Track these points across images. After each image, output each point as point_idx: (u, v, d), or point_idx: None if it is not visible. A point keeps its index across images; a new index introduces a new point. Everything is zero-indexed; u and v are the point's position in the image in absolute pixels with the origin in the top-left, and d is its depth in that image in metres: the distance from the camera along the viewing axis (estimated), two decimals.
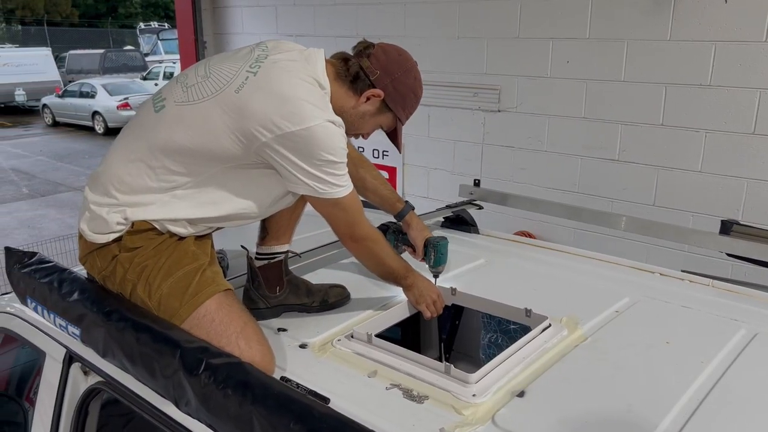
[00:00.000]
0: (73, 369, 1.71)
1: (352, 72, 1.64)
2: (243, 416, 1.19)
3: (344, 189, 1.57)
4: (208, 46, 6.37)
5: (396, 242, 1.99)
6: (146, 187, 1.56)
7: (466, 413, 1.30)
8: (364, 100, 1.66)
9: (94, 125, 16.37)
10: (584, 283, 2.02)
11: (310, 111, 1.48)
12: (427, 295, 1.81)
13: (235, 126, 1.49)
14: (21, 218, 8.65)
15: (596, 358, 1.53)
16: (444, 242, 1.91)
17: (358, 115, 1.68)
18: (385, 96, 1.66)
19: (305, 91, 1.51)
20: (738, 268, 3.02)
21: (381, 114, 1.70)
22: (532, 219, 4.18)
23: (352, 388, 1.40)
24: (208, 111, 1.51)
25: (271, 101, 1.48)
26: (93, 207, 1.59)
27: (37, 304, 1.71)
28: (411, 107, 1.74)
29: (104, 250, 1.59)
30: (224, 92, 1.51)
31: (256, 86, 1.50)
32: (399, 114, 1.71)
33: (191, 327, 1.49)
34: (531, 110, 4.25)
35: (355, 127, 1.71)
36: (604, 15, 3.81)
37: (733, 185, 3.52)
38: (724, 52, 3.43)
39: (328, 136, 1.49)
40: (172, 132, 1.53)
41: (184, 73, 1.65)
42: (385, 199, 2.03)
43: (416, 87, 1.72)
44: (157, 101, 1.61)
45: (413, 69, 1.71)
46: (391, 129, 1.77)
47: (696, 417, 1.29)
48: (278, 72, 1.53)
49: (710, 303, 1.86)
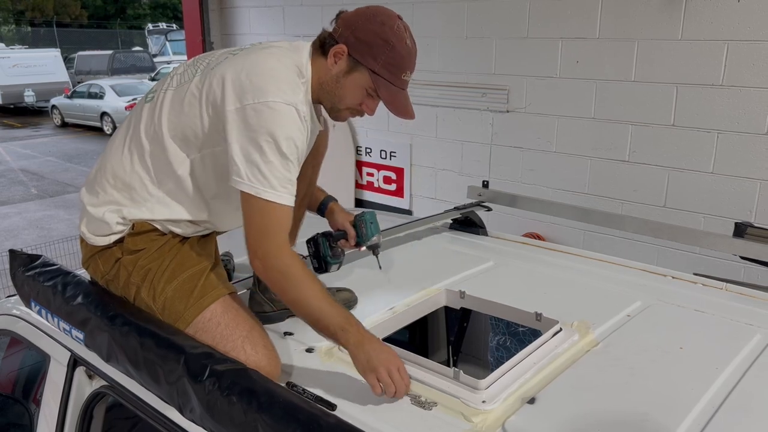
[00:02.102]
0: (78, 373, 1.70)
1: (321, 39, 1.60)
2: (248, 424, 1.17)
3: (278, 195, 1.42)
4: (216, 47, 6.37)
5: (328, 243, 1.81)
6: (139, 180, 1.55)
7: (476, 420, 1.27)
8: (332, 60, 1.55)
9: (102, 126, 16.42)
10: (595, 286, 1.99)
11: (272, 87, 1.43)
12: (379, 361, 1.33)
13: (206, 98, 1.49)
14: (30, 219, 8.68)
15: (608, 364, 1.50)
16: (369, 212, 1.83)
17: (333, 81, 1.57)
18: (349, 48, 1.54)
19: (276, 71, 1.48)
20: (750, 271, 2.98)
21: (355, 71, 1.55)
22: (541, 221, 4.15)
23: (359, 394, 1.37)
24: (188, 91, 1.53)
25: (241, 73, 1.46)
26: (90, 209, 1.59)
27: (41, 308, 1.70)
28: (384, 55, 1.53)
29: (106, 253, 1.58)
30: (203, 71, 1.53)
31: (232, 62, 1.51)
32: (370, 65, 1.54)
33: (196, 330, 1.47)
34: (540, 111, 4.22)
35: (338, 96, 1.59)
36: (614, 14, 3.77)
37: (746, 186, 3.48)
38: (737, 52, 3.38)
39: (280, 115, 1.41)
40: (159, 117, 1.55)
41: (176, 68, 1.68)
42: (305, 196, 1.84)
43: (384, 32, 1.53)
44: (149, 94, 1.65)
45: (381, 15, 1.56)
46: (376, 89, 1.57)
47: (712, 424, 1.26)
48: (257, 53, 1.54)
49: (724, 307, 1.83)
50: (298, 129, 1.45)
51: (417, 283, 1.97)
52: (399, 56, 1.55)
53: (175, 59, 23.16)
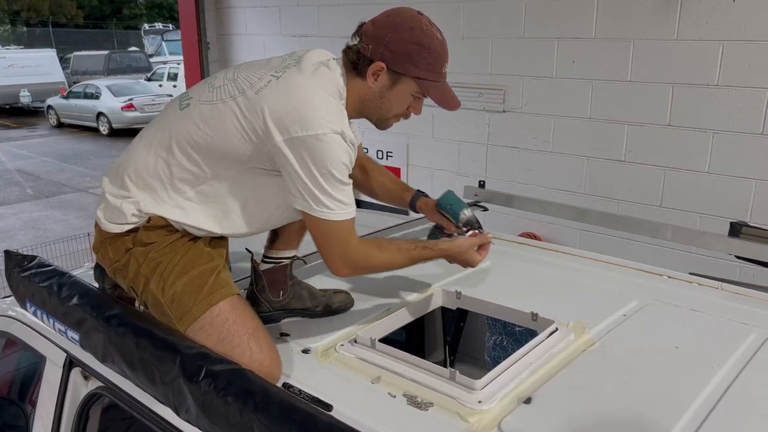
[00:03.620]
0: (74, 374, 1.70)
1: (351, 60, 1.60)
2: (244, 425, 1.17)
3: (340, 213, 1.51)
4: (212, 47, 6.36)
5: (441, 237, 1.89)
6: (161, 183, 1.56)
7: (472, 420, 1.27)
8: (372, 80, 1.59)
9: (98, 126, 16.40)
10: (591, 286, 1.99)
11: (320, 118, 1.46)
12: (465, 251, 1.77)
13: (249, 125, 1.48)
14: (26, 219, 8.67)
15: (605, 364, 1.50)
16: (445, 194, 1.88)
17: (377, 97, 1.61)
18: (387, 64, 1.56)
19: (320, 100, 1.50)
20: (746, 271, 2.99)
21: (398, 83, 1.59)
22: (538, 221, 4.15)
23: (355, 395, 1.38)
24: (228, 110, 1.51)
25: (286, 104, 1.47)
26: (108, 197, 1.60)
27: (36, 309, 1.70)
28: (423, 59, 1.57)
29: (118, 242, 1.58)
30: (246, 93, 1.51)
31: (275, 89, 1.50)
32: (413, 73, 1.57)
33: (203, 325, 1.47)
34: (536, 111, 4.22)
35: (384, 109, 1.64)
36: (611, 14, 3.78)
37: (741, 186, 3.48)
38: (732, 52, 3.39)
39: (330, 146, 1.46)
40: (192, 129, 1.54)
41: (213, 76, 1.65)
42: (392, 193, 1.99)
43: (417, 37, 1.55)
44: (183, 99, 1.62)
45: (407, 20, 1.57)
46: (424, 94, 1.63)
47: (708, 423, 1.26)
48: (299, 77, 1.52)
49: (720, 306, 1.83)
50: (346, 152, 1.50)
51: (413, 283, 1.97)
52: (436, 54, 1.60)
53: (171, 59, 23.07)
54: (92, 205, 9.80)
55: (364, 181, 2.02)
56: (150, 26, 33.18)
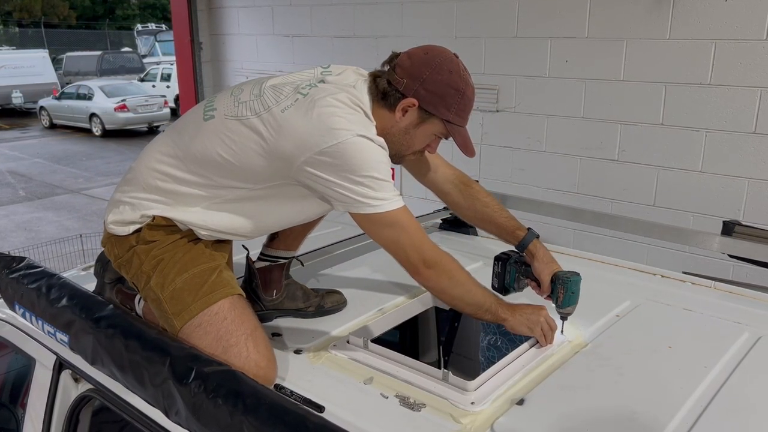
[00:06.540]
0: (64, 376, 1.68)
1: (381, 89, 1.56)
2: (234, 426, 1.15)
3: (391, 202, 1.45)
4: (204, 47, 6.35)
5: (518, 274, 1.77)
6: (171, 192, 1.55)
7: (465, 421, 1.26)
8: (400, 114, 1.56)
9: (91, 127, 16.32)
10: (584, 286, 1.97)
11: (341, 126, 1.42)
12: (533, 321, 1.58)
13: (273, 145, 1.45)
14: (18, 221, 8.62)
15: (597, 365, 1.50)
16: (576, 278, 1.64)
17: (401, 132, 1.59)
18: (420, 102, 1.55)
19: (343, 111, 1.46)
20: (739, 269, 2.99)
21: (426, 122, 1.58)
22: (531, 220, 4.13)
23: (348, 396, 1.37)
24: (251, 127, 1.48)
25: (309, 122, 1.43)
26: (117, 198, 1.62)
27: (25, 311, 1.68)
28: (456, 104, 1.56)
29: (122, 239, 1.58)
30: (271, 111, 1.48)
31: (300, 107, 1.47)
32: (444, 115, 1.57)
33: (201, 323, 1.46)
34: (529, 110, 4.22)
35: (405, 145, 1.61)
36: (603, 14, 3.78)
37: (734, 185, 3.49)
38: (725, 51, 3.40)
39: (361, 149, 1.42)
40: (211, 142, 1.51)
41: (240, 87, 1.61)
42: (502, 227, 1.86)
43: (454, 80, 1.56)
44: (208, 110, 1.58)
45: (446, 62, 1.57)
46: (448, 135, 1.62)
47: (701, 423, 1.26)
48: (325, 96, 1.48)
49: (713, 306, 1.83)
50: (376, 151, 1.46)
51: (406, 284, 1.96)
52: (468, 100, 1.59)
53: (164, 60, 23.02)
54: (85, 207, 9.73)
55: (465, 209, 1.96)
56: (143, 27, 33.06)
